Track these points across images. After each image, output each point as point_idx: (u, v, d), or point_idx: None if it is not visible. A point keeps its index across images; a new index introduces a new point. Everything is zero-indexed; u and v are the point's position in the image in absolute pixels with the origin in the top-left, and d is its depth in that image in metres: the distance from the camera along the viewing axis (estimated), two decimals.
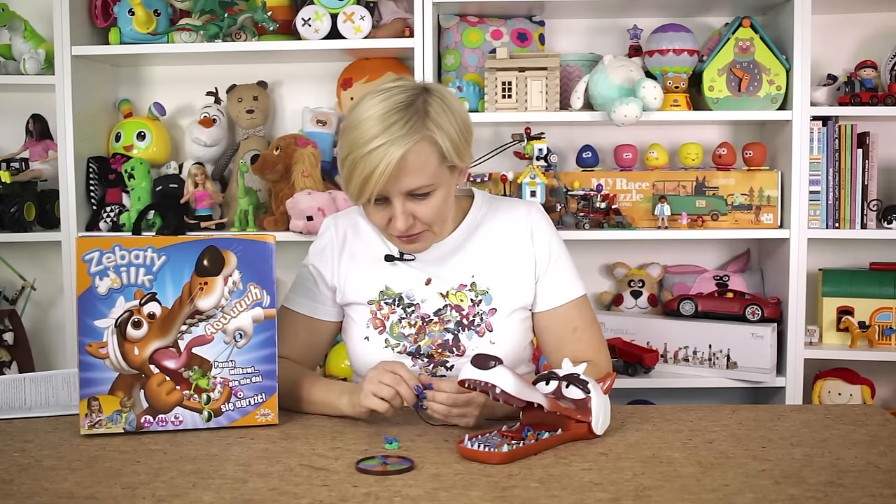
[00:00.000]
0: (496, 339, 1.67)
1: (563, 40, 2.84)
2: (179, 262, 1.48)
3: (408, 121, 1.50)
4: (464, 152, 1.59)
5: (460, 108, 1.60)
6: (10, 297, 2.80)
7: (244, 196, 2.62)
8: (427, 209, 1.57)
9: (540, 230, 1.73)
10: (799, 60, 2.52)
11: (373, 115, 1.51)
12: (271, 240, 1.51)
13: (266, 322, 1.51)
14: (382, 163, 1.48)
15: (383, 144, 1.48)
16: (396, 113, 1.51)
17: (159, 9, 2.67)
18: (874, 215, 2.59)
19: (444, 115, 1.55)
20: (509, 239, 1.72)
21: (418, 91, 1.56)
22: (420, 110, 1.53)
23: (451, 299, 1.68)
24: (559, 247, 1.75)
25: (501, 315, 1.68)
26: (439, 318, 1.68)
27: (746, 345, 2.54)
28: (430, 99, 1.55)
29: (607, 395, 1.47)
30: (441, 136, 1.53)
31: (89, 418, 1.49)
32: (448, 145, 1.54)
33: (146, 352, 1.49)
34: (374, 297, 1.70)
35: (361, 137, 1.50)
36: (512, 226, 1.73)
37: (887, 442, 1.42)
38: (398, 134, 1.49)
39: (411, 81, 1.60)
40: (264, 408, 1.51)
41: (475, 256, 1.70)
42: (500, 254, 1.71)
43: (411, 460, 1.33)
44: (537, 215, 1.75)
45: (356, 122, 1.53)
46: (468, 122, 1.61)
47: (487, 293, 1.68)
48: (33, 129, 2.80)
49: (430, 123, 1.52)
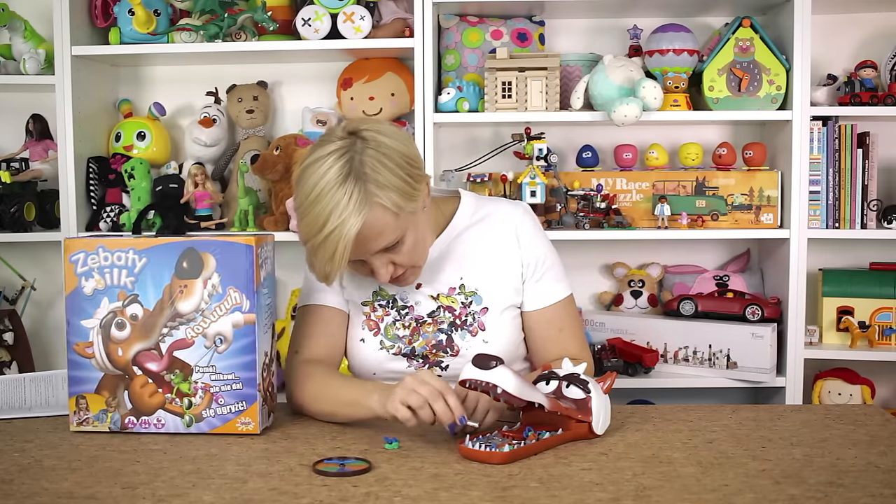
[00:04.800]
0: (489, 337, 1.68)
1: (563, 40, 2.84)
2: (160, 265, 1.47)
3: (350, 196, 1.46)
4: (416, 186, 1.53)
5: (397, 143, 1.53)
6: (10, 297, 2.80)
7: (244, 196, 2.62)
8: (403, 256, 1.56)
9: (526, 232, 1.72)
10: (799, 60, 2.52)
11: (315, 196, 1.47)
12: (251, 241, 1.46)
13: (246, 327, 1.47)
14: (339, 245, 1.46)
15: (335, 229, 1.45)
16: (337, 190, 1.46)
17: (159, 9, 2.67)
18: (874, 215, 2.59)
19: (382, 169, 1.49)
20: (495, 240, 1.72)
21: (349, 147, 1.49)
22: (359, 175, 1.47)
23: (442, 301, 1.69)
24: (546, 248, 1.74)
25: (493, 314, 1.69)
26: (433, 319, 1.69)
27: (746, 345, 2.54)
28: (365, 153, 1.49)
29: (607, 395, 1.47)
30: (386, 196, 1.48)
31: (77, 416, 1.50)
32: (396, 199, 1.49)
33: (129, 353, 1.49)
34: (368, 297, 1.71)
35: (313, 225, 1.47)
36: (497, 227, 1.72)
37: (887, 442, 1.42)
38: (345, 215, 1.45)
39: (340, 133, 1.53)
40: (245, 416, 1.48)
41: (462, 259, 1.71)
42: (486, 255, 1.71)
43: (369, 462, 1.33)
44: (523, 216, 1.74)
45: (304, 207, 1.49)
46: (410, 153, 1.55)
47: (477, 294, 1.69)
48: (33, 129, 2.80)
49: (371, 188, 1.47)
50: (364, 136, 1.51)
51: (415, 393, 1.40)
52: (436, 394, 1.39)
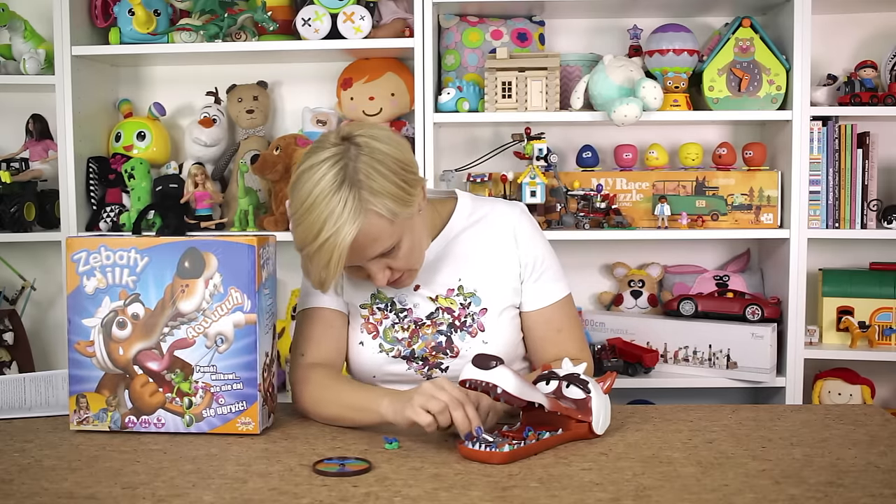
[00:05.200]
0: (489, 338, 1.67)
1: (563, 40, 2.84)
2: (161, 264, 1.47)
3: (345, 204, 1.45)
4: (410, 192, 1.53)
5: (391, 148, 1.52)
6: (10, 297, 2.81)
7: (244, 196, 2.62)
8: (400, 260, 1.56)
9: (523, 233, 1.72)
10: (799, 60, 2.52)
11: (310, 204, 1.46)
12: (253, 242, 1.46)
13: (247, 327, 1.47)
14: (335, 253, 1.45)
15: (330, 237, 1.45)
16: (332, 198, 1.45)
17: (159, 9, 2.67)
18: (874, 215, 2.59)
19: (377, 175, 1.48)
20: (493, 241, 1.71)
21: (343, 154, 1.48)
22: (353, 183, 1.46)
23: (441, 303, 1.69)
24: (543, 248, 1.74)
25: (492, 314, 1.68)
26: (432, 321, 1.68)
27: (746, 345, 2.54)
28: (359, 160, 1.48)
29: (607, 395, 1.47)
30: (381, 203, 1.47)
31: (78, 415, 1.50)
32: (391, 206, 1.49)
33: (130, 352, 1.49)
34: (367, 300, 1.70)
35: (308, 233, 1.47)
36: (495, 227, 1.72)
37: (887, 442, 1.42)
38: (340, 223, 1.45)
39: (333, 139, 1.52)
40: (245, 416, 1.48)
41: (460, 260, 1.70)
42: (484, 256, 1.71)
43: (369, 462, 1.33)
44: (521, 217, 1.74)
45: (299, 215, 1.49)
46: (405, 157, 1.54)
47: (475, 295, 1.69)
48: (33, 129, 2.80)
49: (365, 195, 1.46)
50: (358, 143, 1.50)
51: (434, 399, 1.40)
52: (456, 402, 1.39)
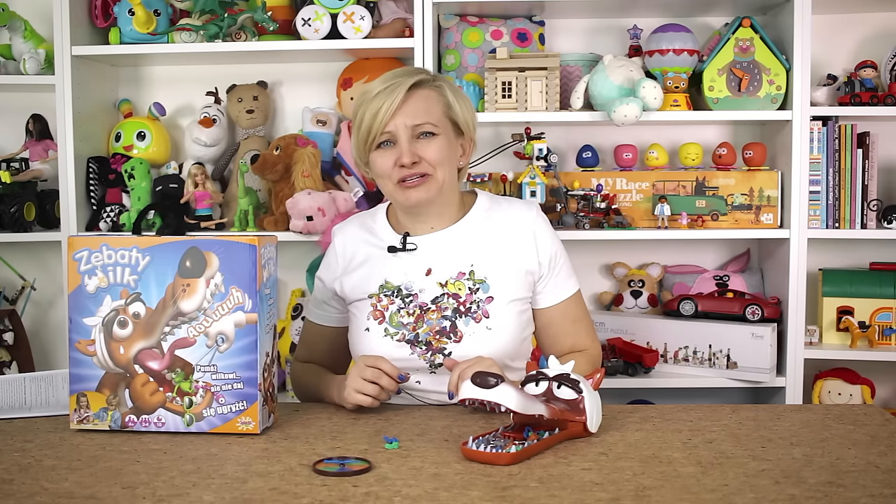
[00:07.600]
0: (493, 325, 1.70)
1: (563, 40, 2.84)
2: (163, 263, 1.48)
3: (414, 73, 1.70)
4: (468, 125, 1.74)
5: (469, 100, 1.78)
6: (10, 297, 2.81)
7: (244, 196, 2.62)
8: (431, 150, 1.68)
9: (543, 233, 1.80)
10: (799, 60, 2.52)
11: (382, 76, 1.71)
12: (254, 241, 1.46)
13: (248, 327, 1.47)
14: (388, 100, 1.65)
15: (389, 86, 1.66)
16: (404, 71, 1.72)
17: (159, 9, 2.67)
18: (874, 215, 2.59)
19: (453, 87, 1.74)
20: (510, 234, 1.78)
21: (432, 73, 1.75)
22: (430, 73, 1.73)
23: (449, 288, 1.73)
24: (558, 245, 1.83)
25: (499, 304, 1.72)
26: (437, 305, 1.72)
27: (746, 345, 2.54)
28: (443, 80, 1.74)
29: (597, 391, 1.48)
30: (447, 91, 1.71)
31: (78, 413, 1.51)
32: (452, 99, 1.71)
33: (131, 351, 1.49)
34: (375, 290, 1.75)
35: (370, 90, 1.68)
36: (514, 222, 1.79)
37: (887, 442, 1.42)
38: (402, 78, 1.68)
39: None
40: (245, 416, 1.48)
41: (475, 246, 1.76)
42: (500, 246, 1.76)
43: (369, 462, 1.33)
44: (539, 217, 1.82)
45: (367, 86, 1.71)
46: (474, 112, 1.78)
47: (485, 282, 1.73)
48: (33, 129, 2.80)
49: (437, 80, 1.71)
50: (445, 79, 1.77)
51: (363, 381, 1.59)
52: (378, 373, 1.59)
